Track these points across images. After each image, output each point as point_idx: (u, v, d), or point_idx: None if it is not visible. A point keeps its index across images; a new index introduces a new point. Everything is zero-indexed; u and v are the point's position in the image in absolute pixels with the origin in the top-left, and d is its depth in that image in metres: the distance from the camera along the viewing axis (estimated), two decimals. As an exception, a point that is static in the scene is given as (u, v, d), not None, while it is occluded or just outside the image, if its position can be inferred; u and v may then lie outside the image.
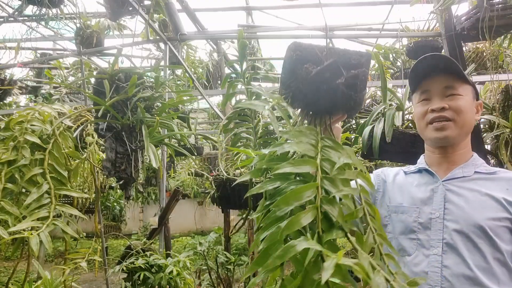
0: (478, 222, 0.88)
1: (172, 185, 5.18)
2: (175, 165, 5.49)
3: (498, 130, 2.28)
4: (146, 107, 1.64)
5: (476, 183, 0.96)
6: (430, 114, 0.99)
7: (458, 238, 0.91)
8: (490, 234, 0.87)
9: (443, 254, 0.92)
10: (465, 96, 0.99)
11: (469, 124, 0.99)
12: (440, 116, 0.97)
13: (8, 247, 2.32)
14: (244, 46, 1.32)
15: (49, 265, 6.04)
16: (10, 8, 3.73)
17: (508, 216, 0.89)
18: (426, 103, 1.01)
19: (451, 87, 0.98)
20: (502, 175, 0.97)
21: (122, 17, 3.14)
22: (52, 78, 4.34)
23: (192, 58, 4.75)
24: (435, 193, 0.99)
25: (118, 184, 1.63)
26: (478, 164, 1.01)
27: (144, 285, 2.08)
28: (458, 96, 0.98)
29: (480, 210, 0.90)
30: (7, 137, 1.48)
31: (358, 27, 4.15)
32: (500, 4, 2.23)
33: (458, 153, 1.01)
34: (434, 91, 1.00)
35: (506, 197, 0.90)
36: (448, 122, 0.97)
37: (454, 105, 0.97)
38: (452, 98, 0.98)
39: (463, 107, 0.97)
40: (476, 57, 3.55)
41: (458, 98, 0.97)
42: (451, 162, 1.01)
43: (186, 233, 9.14)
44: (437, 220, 0.95)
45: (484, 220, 0.88)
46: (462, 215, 0.92)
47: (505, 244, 0.87)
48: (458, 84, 0.99)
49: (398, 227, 1.03)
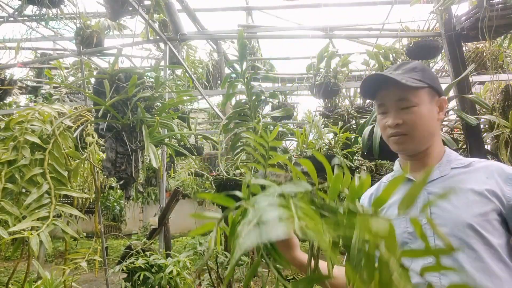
0: (466, 220, 0.86)
1: (172, 185, 5.18)
2: (175, 165, 5.50)
3: (498, 130, 2.28)
4: (146, 107, 1.64)
5: (455, 180, 0.94)
6: (388, 129, 1.00)
7: (451, 241, 0.87)
8: (480, 231, 0.85)
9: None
10: (420, 105, 0.96)
11: (429, 130, 0.98)
12: (397, 132, 0.98)
13: (8, 247, 2.32)
14: (244, 46, 1.32)
15: (49, 265, 6.04)
16: (10, 8, 3.73)
17: (493, 207, 0.87)
18: (384, 117, 1.02)
19: (404, 100, 0.97)
20: (477, 165, 0.95)
21: (122, 17, 3.14)
22: (52, 78, 4.34)
23: (192, 58, 4.76)
24: (418, 199, 0.98)
25: (118, 184, 1.63)
26: (452, 160, 0.99)
27: (144, 285, 2.08)
28: (412, 108, 0.96)
29: (466, 208, 0.88)
30: (7, 137, 1.48)
31: (358, 27, 4.15)
32: (500, 4, 2.23)
33: (430, 156, 1.01)
34: (389, 104, 1.00)
35: (487, 187, 0.89)
36: (405, 136, 0.97)
37: (409, 119, 0.96)
38: (407, 112, 0.96)
39: (418, 119, 0.96)
40: (476, 57, 3.55)
41: (413, 111, 0.96)
42: (425, 165, 1.01)
43: (186, 233, 9.14)
44: (426, 227, 0.92)
45: (472, 217, 0.86)
46: (449, 217, 0.90)
47: (496, 239, 0.86)
48: (411, 94, 0.96)
49: None
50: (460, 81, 2.32)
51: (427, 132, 0.98)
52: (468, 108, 2.30)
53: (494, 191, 0.88)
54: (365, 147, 2.05)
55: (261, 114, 1.92)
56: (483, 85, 3.38)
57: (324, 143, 2.86)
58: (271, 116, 2.09)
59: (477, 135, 2.24)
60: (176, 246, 7.08)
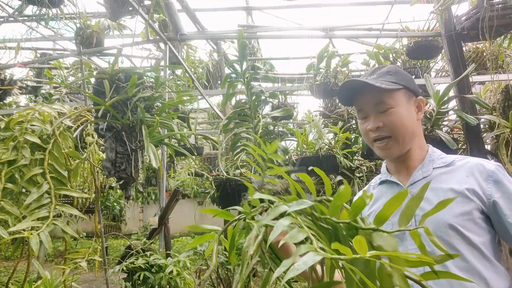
0: (447, 221, 0.87)
1: (172, 185, 5.18)
2: (175, 165, 5.50)
3: (498, 130, 2.28)
4: (146, 107, 1.64)
5: (436, 181, 0.95)
6: (370, 133, 1.00)
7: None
8: (461, 231, 0.86)
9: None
10: (397, 107, 0.97)
11: (411, 130, 0.99)
12: (379, 136, 0.98)
13: (8, 247, 2.32)
14: (244, 46, 1.32)
15: (49, 265, 6.04)
16: (10, 8, 3.73)
17: (474, 206, 0.87)
18: (365, 121, 1.03)
19: (381, 103, 0.98)
20: (458, 163, 0.96)
21: (122, 17, 3.14)
22: (52, 78, 4.34)
23: (192, 58, 4.76)
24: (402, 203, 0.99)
25: (118, 184, 1.63)
26: (435, 159, 1.00)
27: (144, 285, 2.08)
28: (390, 110, 0.97)
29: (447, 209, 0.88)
30: (7, 137, 1.48)
31: (358, 27, 4.15)
32: (500, 4, 2.23)
33: (412, 157, 1.01)
34: (368, 109, 1.01)
35: (467, 186, 0.89)
36: (389, 139, 0.98)
37: (388, 121, 0.97)
38: (386, 114, 0.97)
39: (397, 121, 0.97)
40: (476, 57, 3.55)
41: (391, 113, 0.97)
42: (409, 167, 1.02)
43: (186, 233, 9.14)
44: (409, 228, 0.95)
45: (452, 217, 0.87)
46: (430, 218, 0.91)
47: (479, 237, 0.86)
48: (387, 96, 0.97)
49: None
50: (460, 81, 2.32)
51: (409, 132, 0.99)
52: (468, 108, 2.30)
53: (474, 189, 0.89)
54: (365, 147, 2.05)
55: (261, 114, 1.92)
56: (483, 85, 3.38)
57: (324, 143, 2.86)
58: (271, 116, 2.09)
59: (477, 135, 2.24)
60: (176, 246, 7.09)
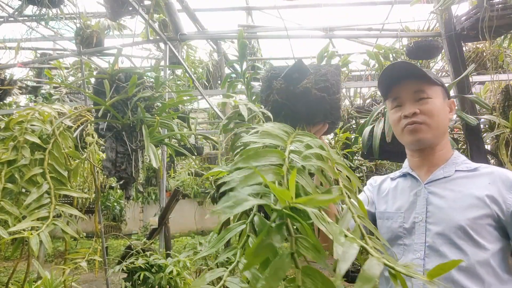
0: (459, 222, 0.87)
1: (172, 185, 5.18)
2: (175, 165, 5.49)
3: (498, 130, 2.28)
4: (146, 107, 1.64)
5: (457, 183, 0.95)
6: (403, 120, 1.00)
7: (440, 240, 0.90)
8: (471, 233, 0.86)
9: (425, 258, 0.91)
10: (435, 98, 0.99)
11: (443, 124, 1.00)
12: (412, 122, 0.98)
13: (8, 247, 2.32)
14: (244, 46, 1.32)
15: (49, 265, 6.04)
16: (10, 8, 3.73)
17: (489, 213, 0.87)
18: (399, 110, 1.02)
19: (420, 91, 0.99)
20: (483, 170, 0.96)
21: (122, 17, 3.14)
22: (52, 78, 4.34)
23: (192, 58, 4.75)
24: (418, 197, 0.99)
25: (118, 184, 1.63)
26: (459, 163, 1.00)
27: (144, 285, 2.08)
28: (428, 99, 0.98)
29: (461, 210, 0.89)
30: (7, 137, 1.48)
31: (358, 27, 4.15)
32: (500, 4, 2.23)
33: (437, 155, 1.01)
34: (405, 97, 1.01)
35: (488, 193, 0.89)
36: (421, 125, 0.97)
37: (425, 109, 0.97)
38: (423, 102, 0.98)
39: (434, 109, 0.97)
40: (476, 57, 3.54)
41: (428, 102, 0.98)
42: (431, 164, 1.02)
43: (186, 233, 9.14)
44: (420, 224, 0.95)
45: (464, 220, 0.87)
46: (443, 216, 0.91)
47: (487, 243, 0.86)
48: (427, 87, 0.99)
49: (385, 233, 1.03)
50: (460, 81, 2.32)
51: (442, 126, 0.99)
52: (468, 108, 2.30)
53: (494, 197, 0.88)
54: (365, 147, 2.05)
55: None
56: (483, 85, 3.38)
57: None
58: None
59: (477, 135, 2.24)
60: (176, 246, 7.08)
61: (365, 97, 3.53)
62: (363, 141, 2.06)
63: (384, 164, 3.11)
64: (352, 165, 2.84)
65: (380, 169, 3.09)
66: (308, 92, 0.77)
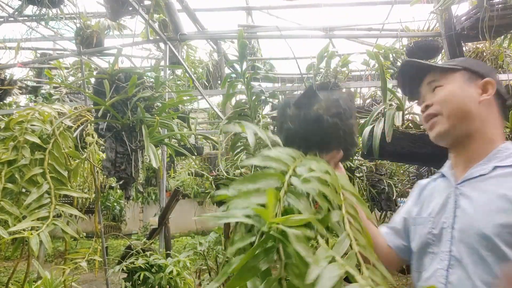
0: (483, 230, 0.75)
1: (172, 185, 5.17)
2: (175, 165, 5.49)
3: (498, 130, 2.27)
4: (146, 107, 1.64)
5: (492, 182, 0.80)
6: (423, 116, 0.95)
7: (463, 249, 0.79)
8: (498, 244, 0.73)
9: (449, 269, 0.80)
10: (449, 84, 0.89)
11: (462, 108, 0.86)
12: (427, 115, 0.91)
13: (8, 247, 2.32)
14: (244, 46, 1.32)
15: (49, 265, 6.04)
16: (10, 8, 3.73)
17: None
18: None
19: (433, 81, 0.93)
20: None
21: (122, 17, 3.14)
22: (52, 78, 4.34)
23: (192, 58, 4.75)
24: (448, 199, 0.88)
25: (118, 184, 1.63)
26: (502, 157, 0.82)
27: (144, 285, 2.08)
28: (439, 87, 0.91)
29: (488, 216, 0.76)
30: (7, 137, 1.48)
31: (358, 27, 4.15)
32: (500, 4, 2.23)
33: (472, 148, 0.87)
34: (423, 92, 0.97)
35: None
36: (435, 118, 0.90)
37: (436, 98, 0.90)
38: (436, 92, 0.91)
39: (445, 96, 0.88)
40: (476, 57, 3.54)
41: (440, 89, 0.90)
42: (467, 160, 0.88)
43: (186, 233, 9.14)
44: (447, 230, 0.84)
45: (491, 227, 0.74)
46: (467, 222, 0.80)
47: None
48: (441, 76, 0.92)
49: (416, 241, 0.93)
50: (460, 81, 2.31)
51: (460, 110, 0.86)
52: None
53: None
54: (365, 147, 2.05)
55: (261, 114, 1.91)
56: (483, 85, 3.38)
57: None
58: (271, 116, 2.09)
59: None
60: (176, 246, 7.08)
61: (365, 97, 3.53)
62: (363, 141, 2.06)
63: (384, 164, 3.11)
64: (352, 165, 2.84)
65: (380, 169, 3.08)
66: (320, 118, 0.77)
